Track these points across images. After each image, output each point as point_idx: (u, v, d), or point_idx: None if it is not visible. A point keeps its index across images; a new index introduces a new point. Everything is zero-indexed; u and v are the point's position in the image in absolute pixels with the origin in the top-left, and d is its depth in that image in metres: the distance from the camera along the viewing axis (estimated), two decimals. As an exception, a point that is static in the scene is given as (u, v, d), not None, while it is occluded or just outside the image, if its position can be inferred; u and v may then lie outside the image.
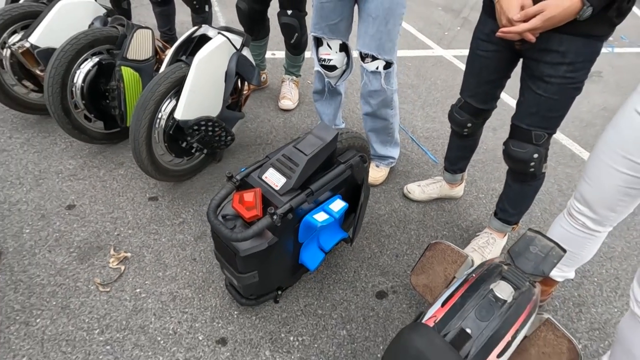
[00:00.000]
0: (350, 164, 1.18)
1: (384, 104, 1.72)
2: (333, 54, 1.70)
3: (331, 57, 1.70)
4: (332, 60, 1.71)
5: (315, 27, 1.66)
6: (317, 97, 1.97)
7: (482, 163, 2.24)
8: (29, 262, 1.36)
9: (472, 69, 1.41)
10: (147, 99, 1.38)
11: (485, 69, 1.37)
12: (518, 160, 1.33)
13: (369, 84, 1.65)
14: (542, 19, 1.02)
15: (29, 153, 1.80)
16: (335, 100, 1.97)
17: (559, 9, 1.00)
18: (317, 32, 1.67)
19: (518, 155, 1.31)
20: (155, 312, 1.28)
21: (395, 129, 1.89)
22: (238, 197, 1.03)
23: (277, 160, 1.09)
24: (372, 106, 1.73)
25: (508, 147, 1.34)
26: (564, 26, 1.05)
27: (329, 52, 1.70)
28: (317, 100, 1.99)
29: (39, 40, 1.66)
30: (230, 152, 2.00)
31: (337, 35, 1.65)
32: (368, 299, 1.42)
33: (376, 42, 1.54)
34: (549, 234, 1.31)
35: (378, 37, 1.53)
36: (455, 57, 3.57)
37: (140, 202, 1.65)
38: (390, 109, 1.77)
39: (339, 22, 1.62)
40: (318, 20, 1.64)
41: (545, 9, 1.01)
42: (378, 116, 1.78)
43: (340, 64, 1.74)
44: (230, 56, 1.56)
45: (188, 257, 1.46)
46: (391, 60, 1.59)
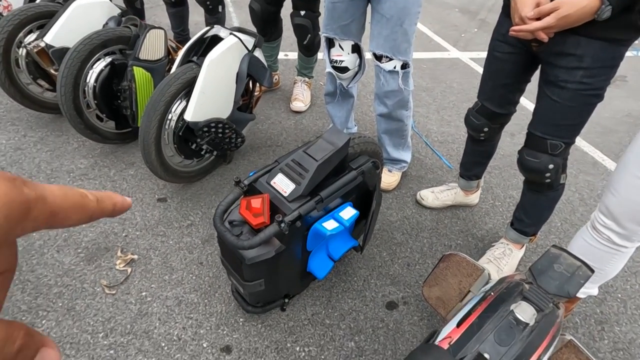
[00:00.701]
0: (362, 170, 1.14)
1: (401, 104, 1.68)
2: (345, 55, 1.66)
3: (343, 58, 1.67)
4: (344, 61, 1.67)
5: (327, 27, 1.63)
6: (328, 100, 1.94)
7: (498, 169, 2.16)
8: (37, 262, 1.36)
9: (489, 71, 1.37)
10: (157, 100, 1.37)
11: (501, 72, 1.32)
12: (532, 170, 1.27)
13: (385, 84, 1.61)
14: (555, 17, 0.96)
15: (42, 152, 1.81)
16: (347, 103, 1.93)
17: (575, 7, 0.94)
18: (329, 33, 1.64)
19: (532, 165, 1.26)
20: (160, 317, 1.26)
21: (409, 131, 1.84)
22: (245, 203, 1.00)
23: (287, 166, 1.05)
24: (387, 107, 1.68)
25: (522, 156, 1.28)
26: (581, 27, 0.99)
27: (341, 53, 1.66)
28: (328, 103, 1.95)
29: (53, 40, 1.67)
30: (241, 154, 1.98)
31: (349, 36, 1.62)
32: (378, 310, 1.37)
33: (391, 44, 1.50)
34: (571, 247, 1.24)
35: (393, 38, 1.49)
36: (471, 60, 3.48)
37: (149, 203, 1.64)
38: (406, 110, 1.73)
39: (350, 22, 1.58)
40: (329, 21, 1.60)
41: (560, 6, 0.95)
42: (393, 117, 1.73)
43: (353, 66, 1.70)
44: (241, 57, 1.54)
45: (195, 261, 1.44)
46: (407, 61, 1.55)
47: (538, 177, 1.28)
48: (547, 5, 0.97)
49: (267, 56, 2.39)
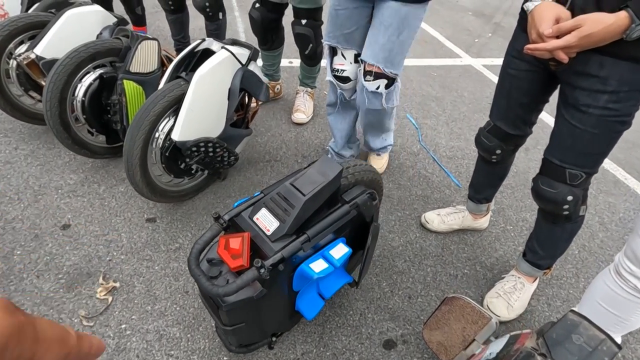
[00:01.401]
0: (356, 204, 1.03)
1: (383, 118, 1.69)
2: (347, 64, 1.59)
3: (345, 67, 1.59)
4: (345, 71, 1.60)
5: (330, 35, 1.56)
6: (330, 110, 1.85)
7: (511, 188, 2.02)
8: (15, 288, 1.30)
9: (502, 89, 1.25)
10: (142, 119, 1.29)
11: (516, 90, 1.20)
12: (548, 201, 1.15)
13: (367, 102, 1.56)
14: (577, 36, 0.84)
15: (31, 166, 1.76)
16: (349, 115, 1.82)
17: (600, 25, 0.82)
18: (332, 41, 1.57)
19: (548, 195, 1.13)
20: (139, 354, 1.17)
21: (391, 124, 1.86)
22: (224, 242, 0.91)
23: (271, 200, 0.95)
24: (369, 120, 1.70)
25: (537, 184, 1.16)
26: (607, 46, 0.86)
27: (343, 62, 1.59)
28: (330, 114, 1.86)
29: (44, 52, 1.61)
30: (237, 170, 1.89)
31: (352, 45, 1.54)
32: (374, 349, 1.26)
33: (385, 54, 1.42)
34: (591, 292, 1.11)
35: (388, 48, 1.41)
36: (484, 67, 3.33)
37: (137, 224, 1.57)
38: (389, 119, 1.76)
39: (354, 30, 1.50)
40: (332, 29, 1.53)
41: (582, 23, 0.83)
42: (374, 127, 1.77)
43: (355, 76, 1.62)
44: (234, 72, 1.44)
45: (180, 289, 1.36)
46: (396, 75, 1.49)
47: (555, 208, 1.15)
48: (568, 22, 0.85)
49: (268, 65, 2.31)
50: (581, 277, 1.59)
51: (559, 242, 1.31)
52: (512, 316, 1.37)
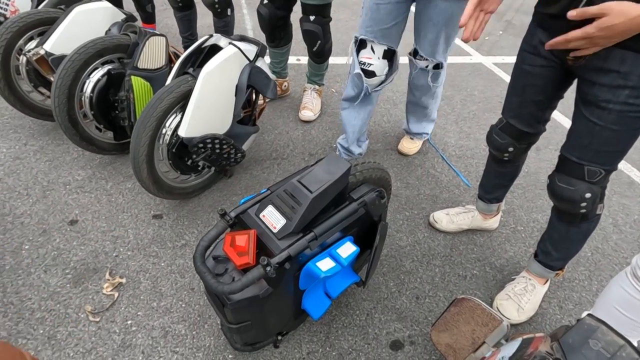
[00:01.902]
0: (364, 202, 1.02)
1: (428, 96, 1.81)
2: (375, 59, 1.58)
3: (372, 62, 1.59)
4: (372, 65, 1.59)
5: (366, 29, 1.54)
6: (345, 105, 1.82)
7: (522, 188, 1.98)
8: (23, 283, 1.30)
9: (516, 85, 1.21)
10: (148, 115, 1.28)
11: (530, 87, 1.16)
12: (565, 199, 1.11)
13: (416, 78, 1.72)
14: (598, 27, 0.80)
15: (40, 162, 1.77)
16: (365, 110, 1.80)
17: (623, 17, 0.78)
18: (368, 35, 1.55)
19: (565, 193, 1.10)
20: (144, 350, 1.17)
21: (434, 111, 1.95)
22: (230, 239, 0.90)
23: (278, 197, 0.94)
24: (415, 96, 1.83)
25: (553, 182, 1.13)
26: (629, 40, 0.83)
27: (371, 56, 1.58)
28: (345, 109, 1.83)
29: (53, 48, 1.61)
30: (243, 167, 1.88)
31: (388, 41, 1.55)
32: (381, 350, 1.24)
33: (433, 48, 1.56)
34: (606, 295, 1.08)
35: (436, 43, 1.54)
36: (495, 65, 3.28)
37: (143, 220, 1.57)
38: (432, 99, 1.85)
39: (392, 26, 1.52)
40: (370, 23, 1.52)
41: (607, 12, 0.78)
42: (420, 104, 1.87)
43: (380, 72, 1.61)
44: (242, 68, 1.43)
45: (186, 286, 1.35)
46: (442, 62, 1.61)
47: (572, 206, 1.12)
48: (593, 7, 0.81)
49: (276, 62, 2.30)
50: (594, 280, 1.55)
51: (573, 243, 1.27)
52: (523, 319, 1.34)
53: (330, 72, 2.69)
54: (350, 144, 1.90)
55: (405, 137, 2.12)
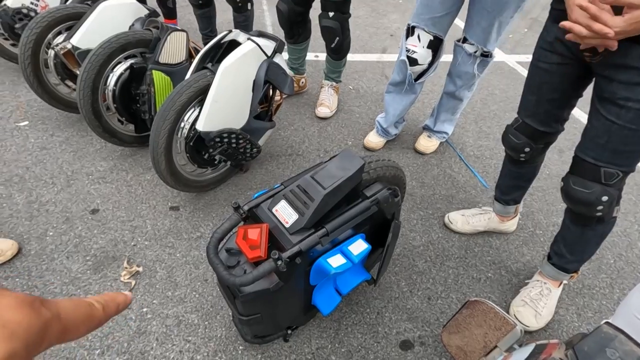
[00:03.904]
0: (377, 200, 1.01)
1: (467, 87, 1.78)
2: (420, 47, 1.64)
3: (416, 49, 1.65)
4: (416, 52, 1.65)
5: (419, 17, 1.60)
6: (391, 89, 1.91)
7: (542, 191, 1.93)
8: (47, 268, 1.36)
9: (532, 84, 1.18)
10: (167, 108, 1.31)
11: (546, 85, 1.13)
12: (580, 202, 1.08)
13: (462, 64, 1.68)
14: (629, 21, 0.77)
15: (65, 152, 1.84)
16: (408, 98, 1.89)
17: None
18: (419, 23, 1.60)
19: (580, 196, 1.06)
20: (158, 337, 1.20)
21: (461, 109, 1.94)
22: (243, 232, 0.91)
23: (291, 192, 0.94)
24: (456, 86, 1.78)
25: (568, 184, 1.09)
26: None
27: (417, 44, 1.64)
28: (389, 92, 1.93)
29: (80, 42, 1.67)
30: (258, 163, 1.90)
31: (437, 29, 1.59)
32: (390, 349, 1.23)
33: (486, 35, 1.55)
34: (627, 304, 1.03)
35: (489, 31, 1.53)
36: (518, 64, 3.19)
37: (161, 211, 1.61)
38: (469, 91, 1.84)
39: (444, 15, 1.55)
40: (423, 10, 1.57)
41: None
42: (456, 96, 1.83)
43: (423, 61, 1.68)
44: (259, 64, 1.44)
45: (200, 277, 1.38)
46: (492, 51, 1.60)
47: (587, 210, 1.09)
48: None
49: (294, 59, 2.30)
50: (616, 288, 1.49)
51: (588, 245, 1.24)
52: (541, 324, 1.31)
53: (348, 69, 2.68)
54: (388, 125, 2.01)
55: (423, 135, 2.09)
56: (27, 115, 2.02)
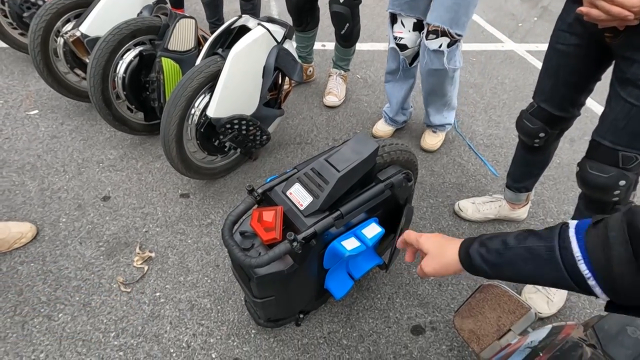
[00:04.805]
0: (391, 183, 1.01)
1: (446, 82, 1.66)
2: (405, 32, 1.62)
3: (403, 35, 1.64)
4: (403, 39, 1.64)
5: (393, 3, 1.59)
6: (389, 78, 1.90)
7: (553, 180, 1.91)
8: (61, 253, 1.37)
9: (549, 66, 1.16)
10: (179, 94, 1.31)
11: (564, 68, 1.11)
12: (597, 187, 1.06)
13: (430, 63, 1.58)
14: None
15: (76, 141, 1.85)
16: (407, 83, 1.87)
17: None
18: (395, 9, 1.60)
19: (597, 181, 1.04)
20: (172, 321, 1.22)
21: (454, 97, 1.83)
22: (257, 215, 0.91)
23: (305, 175, 0.94)
24: (431, 84, 1.69)
25: (584, 169, 1.07)
26: None
27: (402, 30, 1.62)
28: (388, 82, 1.92)
29: (89, 30, 1.66)
30: (267, 151, 1.90)
31: (415, 12, 1.57)
32: (402, 334, 1.24)
33: (451, 14, 1.45)
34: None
35: (455, 9, 1.44)
36: (529, 53, 3.14)
37: (171, 199, 1.61)
38: (450, 85, 1.71)
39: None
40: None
41: None
42: (438, 92, 1.73)
43: (412, 44, 1.66)
44: (269, 50, 1.43)
45: (211, 263, 1.39)
46: (461, 34, 1.49)
47: (604, 195, 1.07)
48: None
49: (302, 47, 2.28)
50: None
51: None
52: (553, 311, 1.31)
53: (356, 59, 2.65)
54: (394, 114, 2.00)
55: (427, 132, 2.01)
56: (36, 105, 2.03)
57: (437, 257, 0.73)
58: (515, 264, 0.59)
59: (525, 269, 0.58)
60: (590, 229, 0.52)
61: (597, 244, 0.50)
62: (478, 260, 0.66)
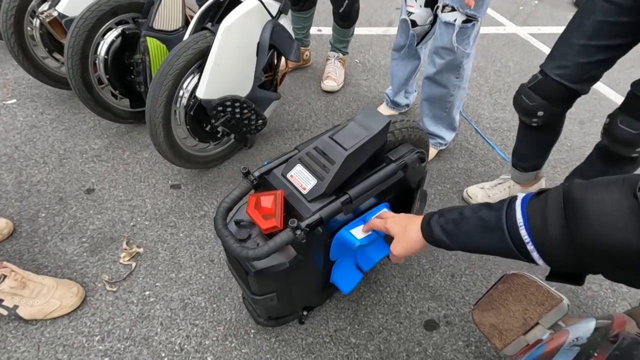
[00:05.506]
0: (404, 163, 0.90)
1: (450, 66, 1.44)
2: (417, 7, 1.50)
3: (414, 10, 1.51)
4: (413, 14, 1.52)
5: None
6: (395, 55, 1.78)
7: (565, 163, 1.82)
8: (39, 250, 1.26)
9: (585, 24, 0.98)
10: (165, 73, 1.19)
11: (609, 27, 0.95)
12: (622, 142, 1.02)
13: (439, 38, 1.41)
14: None
15: (57, 130, 1.72)
16: (411, 64, 1.74)
17: None
18: None
19: (625, 135, 1.00)
20: (163, 322, 1.11)
21: (455, 106, 1.60)
22: (254, 201, 0.80)
23: (308, 155, 0.83)
24: (435, 66, 1.47)
25: (614, 123, 1.02)
26: None
27: (413, 5, 1.50)
28: (394, 59, 1.79)
29: (66, 9, 1.52)
30: (264, 138, 1.79)
31: None
32: (414, 330, 1.14)
33: None
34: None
35: None
36: (531, 36, 3.04)
37: (161, 190, 1.50)
38: (455, 77, 1.49)
39: None
40: None
41: None
42: (438, 81, 1.51)
43: (422, 22, 1.54)
44: (263, 24, 1.31)
45: (205, 258, 1.28)
46: (475, 15, 1.30)
47: (624, 149, 1.04)
48: None
49: (298, 28, 2.16)
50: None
51: None
52: None
53: (354, 43, 2.53)
54: (394, 95, 1.90)
55: None
56: (14, 93, 1.89)
57: (403, 237, 0.74)
58: (469, 233, 0.62)
59: (477, 238, 0.61)
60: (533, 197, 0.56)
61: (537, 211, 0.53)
62: (438, 230, 0.67)
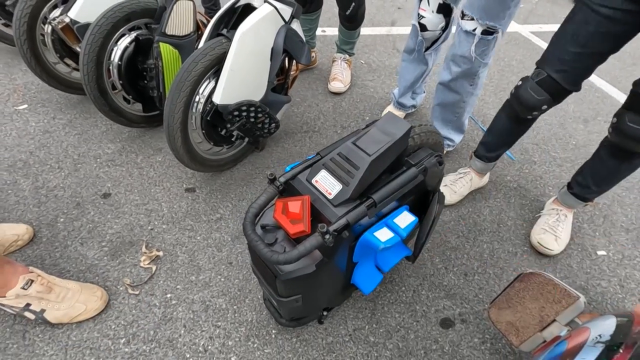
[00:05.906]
0: (424, 167, 0.92)
1: (465, 75, 1.44)
2: (429, 12, 1.49)
3: (425, 14, 1.51)
4: (424, 18, 1.51)
5: None
6: (405, 57, 1.79)
7: (570, 162, 1.85)
8: (61, 255, 1.28)
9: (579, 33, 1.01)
10: (183, 79, 1.20)
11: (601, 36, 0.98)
12: (632, 139, 1.05)
13: (457, 46, 1.39)
14: None
15: (70, 135, 1.73)
16: (419, 68, 1.76)
17: None
18: None
19: (635, 133, 1.03)
20: (186, 324, 1.13)
21: (466, 111, 1.62)
22: (281, 206, 0.82)
23: (332, 161, 0.86)
24: (451, 73, 1.46)
25: (622, 121, 1.04)
26: None
27: (426, 9, 1.49)
28: (404, 61, 1.81)
29: (78, 15, 1.54)
30: (274, 141, 1.81)
31: None
32: (430, 328, 1.17)
33: (482, 2, 1.23)
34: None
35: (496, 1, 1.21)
36: (532, 34, 3.07)
37: (176, 194, 1.52)
38: (470, 84, 1.49)
39: None
40: None
41: None
42: (452, 88, 1.52)
43: (433, 27, 1.53)
44: (277, 30, 1.33)
45: (224, 260, 1.30)
46: (496, 27, 1.27)
47: (636, 146, 1.06)
48: None
49: (305, 30, 2.17)
50: (660, 255, 1.43)
51: (617, 179, 1.25)
52: (562, 247, 1.39)
53: (359, 44, 2.56)
54: (399, 96, 1.92)
55: None
56: (25, 99, 1.90)
57: None
58: None
59: None
60: None
61: None
62: None
